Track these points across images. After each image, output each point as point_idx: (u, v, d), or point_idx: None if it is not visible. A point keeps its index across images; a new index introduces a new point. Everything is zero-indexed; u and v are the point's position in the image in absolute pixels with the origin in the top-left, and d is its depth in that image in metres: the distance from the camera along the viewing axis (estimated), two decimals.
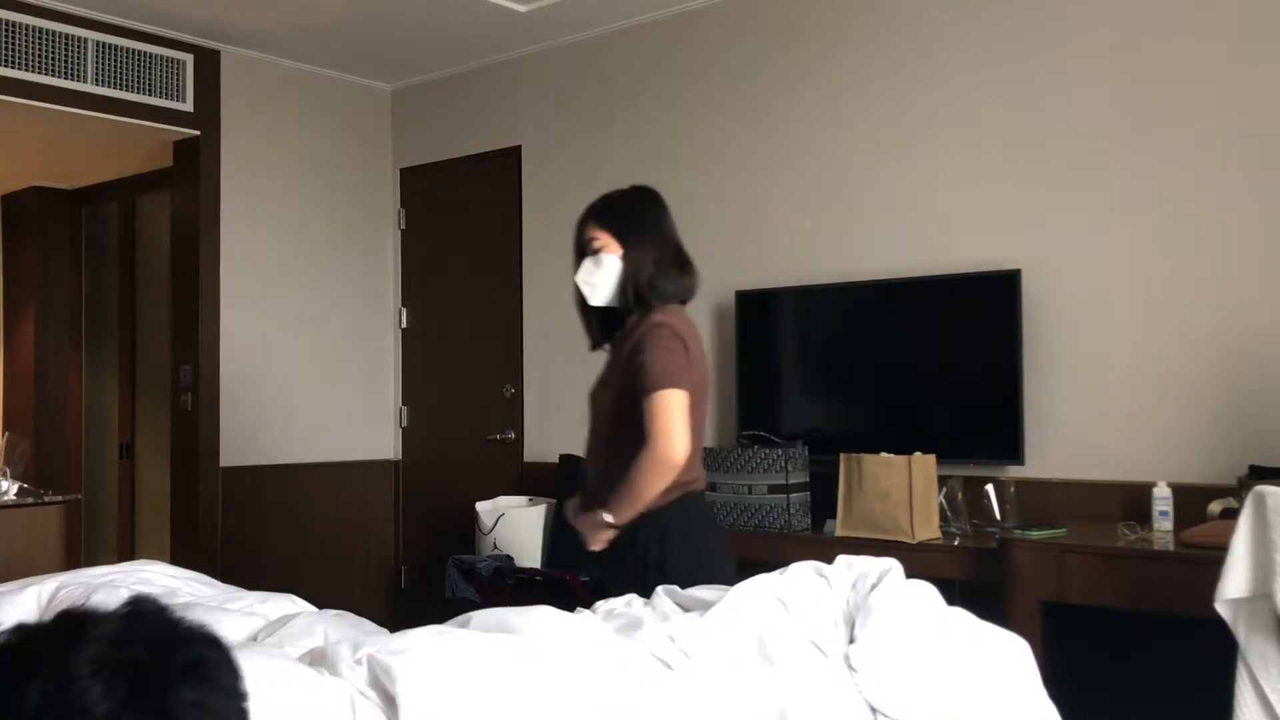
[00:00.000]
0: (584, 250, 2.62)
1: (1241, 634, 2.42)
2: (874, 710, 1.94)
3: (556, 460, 4.73)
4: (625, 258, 2.57)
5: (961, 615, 2.20)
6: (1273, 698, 2.38)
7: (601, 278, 2.58)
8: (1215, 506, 3.14)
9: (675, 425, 2.41)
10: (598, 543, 2.55)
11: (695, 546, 2.52)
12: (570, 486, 4.57)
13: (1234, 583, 2.41)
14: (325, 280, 5.39)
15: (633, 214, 2.63)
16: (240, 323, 5.08)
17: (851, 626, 2.11)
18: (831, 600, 2.17)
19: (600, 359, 2.76)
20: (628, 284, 2.56)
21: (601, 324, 2.69)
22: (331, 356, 5.40)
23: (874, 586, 2.19)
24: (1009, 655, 2.15)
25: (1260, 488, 2.43)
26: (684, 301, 2.66)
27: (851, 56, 4.14)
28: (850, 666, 2.02)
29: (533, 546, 4.63)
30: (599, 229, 2.61)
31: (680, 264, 2.64)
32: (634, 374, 2.46)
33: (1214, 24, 3.40)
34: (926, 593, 2.23)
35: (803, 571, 2.27)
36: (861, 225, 4.09)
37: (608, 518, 2.49)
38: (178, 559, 4.80)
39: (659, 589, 2.25)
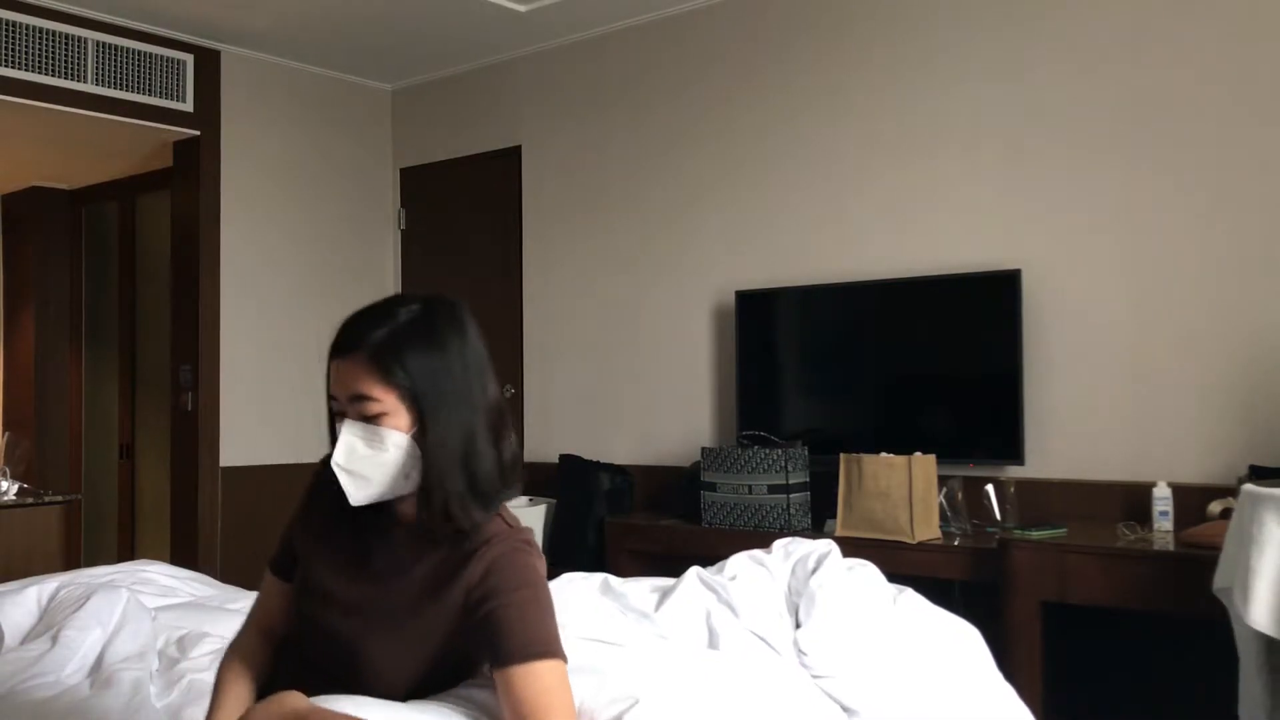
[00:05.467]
0: (341, 405, 1.50)
1: (1234, 623, 2.50)
2: (832, 699, 1.94)
3: (556, 460, 4.73)
4: (425, 438, 1.47)
5: (911, 597, 2.20)
6: (1248, 685, 2.45)
7: (377, 466, 1.48)
8: (1215, 506, 3.15)
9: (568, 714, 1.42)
10: None
11: None
12: (570, 486, 4.60)
13: (1219, 574, 2.52)
14: (325, 280, 5.39)
15: (438, 356, 1.49)
16: (240, 323, 5.08)
17: (796, 613, 2.12)
18: (773, 589, 2.17)
19: None
20: (433, 486, 1.47)
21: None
22: None
23: (814, 570, 2.19)
24: (959, 637, 2.15)
25: (1246, 486, 2.48)
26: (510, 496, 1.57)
27: (851, 57, 4.14)
28: (800, 650, 2.02)
29: None
30: (381, 382, 1.46)
31: (499, 430, 1.53)
32: (481, 629, 1.46)
33: (1214, 25, 3.40)
34: (868, 573, 2.23)
35: (741, 563, 2.27)
36: (861, 225, 4.09)
37: None
38: (178, 559, 4.81)
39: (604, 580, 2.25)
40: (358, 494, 1.49)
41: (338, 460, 1.48)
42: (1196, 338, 3.40)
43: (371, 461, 1.47)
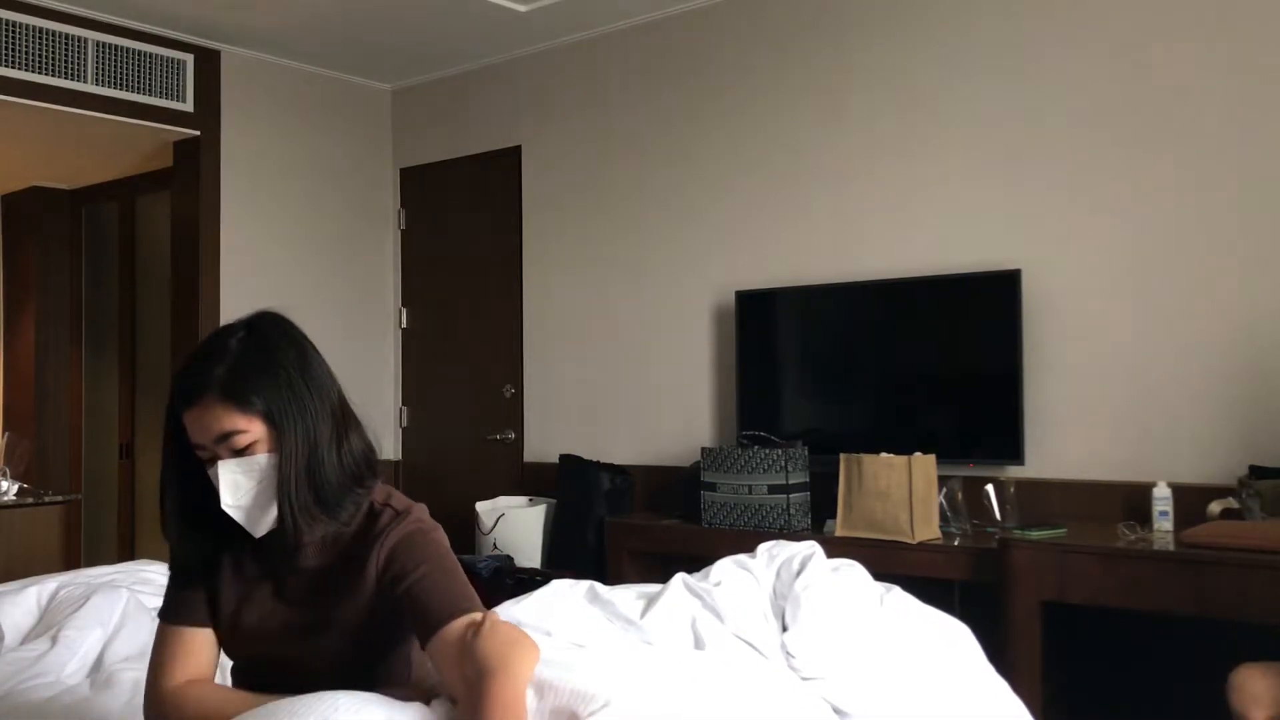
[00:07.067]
0: (210, 450, 1.54)
1: None
2: (823, 700, 1.93)
3: (556, 460, 4.73)
4: (285, 449, 1.53)
5: (898, 596, 2.20)
6: None
7: (262, 493, 1.53)
8: (1215, 506, 3.15)
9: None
10: None
11: None
12: (570, 486, 4.59)
13: None
14: (325, 280, 5.39)
15: (280, 372, 1.56)
16: None
17: (782, 616, 2.12)
18: (758, 593, 2.17)
19: None
20: (280, 500, 1.53)
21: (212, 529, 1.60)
22: (331, 357, 5.34)
23: (798, 572, 2.19)
24: (948, 634, 2.14)
25: None
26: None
27: (852, 57, 4.14)
28: (788, 653, 2.02)
29: (532, 546, 4.63)
30: (241, 414, 1.52)
31: (344, 432, 1.61)
32: (402, 606, 1.54)
33: (1214, 26, 3.40)
34: (854, 573, 2.23)
35: (725, 568, 2.27)
36: (861, 225, 4.09)
37: None
38: None
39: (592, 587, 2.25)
40: (258, 526, 1.55)
41: (227, 502, 1.52)
42: (1196, 337, 3.40)
43: (256, 491, 1.53)
